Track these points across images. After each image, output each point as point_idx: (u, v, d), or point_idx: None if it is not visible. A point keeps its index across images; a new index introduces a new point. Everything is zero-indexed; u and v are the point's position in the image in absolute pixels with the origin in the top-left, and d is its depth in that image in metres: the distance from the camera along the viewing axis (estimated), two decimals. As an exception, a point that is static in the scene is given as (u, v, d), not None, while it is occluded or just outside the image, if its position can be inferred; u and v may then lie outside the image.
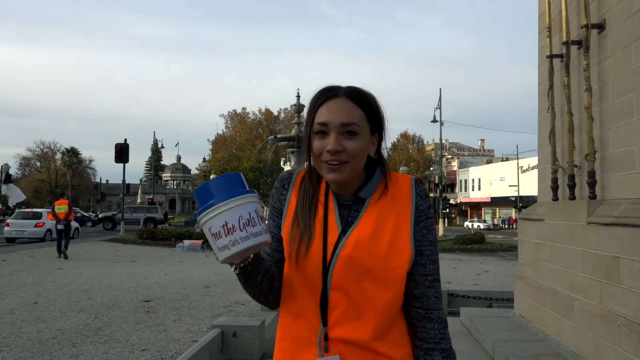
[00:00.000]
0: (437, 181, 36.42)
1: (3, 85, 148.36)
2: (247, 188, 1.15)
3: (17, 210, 25.28)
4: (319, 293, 1.24)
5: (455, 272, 12.76)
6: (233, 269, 1.20)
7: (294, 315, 1.28)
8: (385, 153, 1.36)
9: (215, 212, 1.09)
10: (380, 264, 1.21)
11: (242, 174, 1.19)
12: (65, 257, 14.72)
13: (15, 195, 43.58)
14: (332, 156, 1.20)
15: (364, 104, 1.25)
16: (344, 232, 1.25)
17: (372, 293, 1.22)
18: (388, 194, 1.29)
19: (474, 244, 21.04)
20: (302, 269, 1.25)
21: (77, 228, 25.89)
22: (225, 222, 1.08)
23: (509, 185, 56.53)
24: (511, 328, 4.47)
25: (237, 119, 57.09)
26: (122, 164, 27.17)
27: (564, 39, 4.14)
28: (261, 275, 1.23)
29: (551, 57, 4.40)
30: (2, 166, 41.32)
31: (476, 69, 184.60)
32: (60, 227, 15.22)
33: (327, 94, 1.24)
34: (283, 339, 1.30)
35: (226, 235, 1.08)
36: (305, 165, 1.34)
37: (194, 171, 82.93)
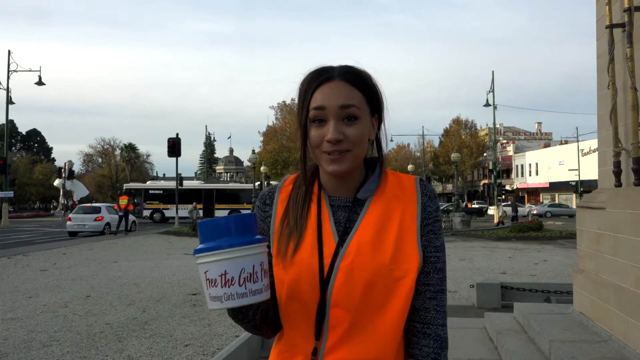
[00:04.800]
0: (491, 167, 35.20)
1: (69, 85, 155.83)
2: (258, 233, 1.02)
3: (78, 205, 26.44)
4: (314, 313, 1.08)
5: (511, 262, 12.23)
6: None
7: (290, 343, 1.14)
8: (384, 140, 1.20)
9: (215, 257, 0.97)
10: (385, 274, 1.08)
11: (257, 216, 1.06)
12: (127, 232, 23.13)
13: (79, 190, 45.77)
14: (333, 146, 1.08)
15: (360, 84, 1.13)
16: (342, 239, 1.11)
17: (378, 308, 1.08)
18: (390, 193, 1.15)
19: (531, 231, 20.20)
20: (295, 285, 1.10)
21: (134, 221, 26.81)
22: (225, 271, 0.96)
23: (569, 170, 53.98)
24: (570, 327, 4.11)
25: (287, 110, 57.29)
26: (176, 158, 27.88)
27: (626, 6, 3.70)
28: (253, 310, 1.08)
29: (611, 27, 3.96)
30: (66, 163, 43.40)
31: (532, 48, 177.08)
32: (121, 214, 23.82)
33: (319, 77, 1.12)
34: None
35: (222, 287, 0.96)
36: (298, 168, 1.19)
37: (246, 163, 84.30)
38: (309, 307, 1.09)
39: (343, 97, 1.09)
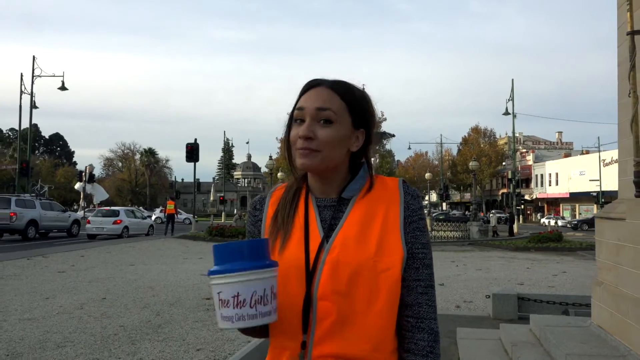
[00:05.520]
0: (510, 176, 34.81)
1: (91, 91, 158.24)
2: (270, 258, 1.09)
3: (97, 209, 26.83)
4: (301, 307, 1.13)
5: (529, 273, 12.04)
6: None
7: (280, 338, 1.19)
8: (372, 153, 1.27)
9: (229, 280, 1.03)
10: (370, 266, 1.12)
11: (268, 241, 1.11)
12: (171, 234, 25.27)
13: (99, 194, 46.42)
14: (303, 142, 1.15)
15: (345, 94, 1.19)
16: (327, 236, 1.16)
17: (364, 300, 1.12)
18: (374, 193, 1.21)
19: (550, 242, 19.87)
20: (283, 280, 1.14)
21: (151, 225, 27.07)
22: (238, 293, 1.02)
23: (590, 180, 53.15)
24: (587, 340, 4.00)
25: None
26: (194, 163, 28.12)
27: (648, 13, 3.63)
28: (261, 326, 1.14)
29: (632, 33, 3.88)
30: (86, 167, 44.09)
31: (553, 57, 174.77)
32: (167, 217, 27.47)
33: (309, 84, 1.21)
34: None
35: (234, 307, 1.03)
36: (291, 179, 1.28)
37: (264, 169, 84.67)
38: (296, 302, 1.13)
39: (321, 100, 1.16)
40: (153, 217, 38.66)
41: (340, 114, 1.16)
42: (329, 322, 1.11)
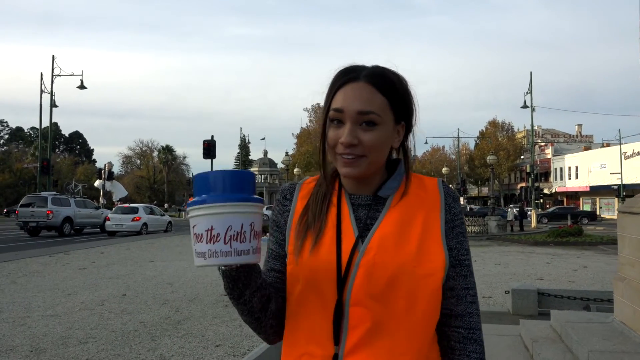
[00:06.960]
0: (528, 170, 34.36)
1: (110, 89, 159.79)
2: (255, 194, 0.99)
3: (116, 206, 27.17)
4: (332, 312, 1.04)
5: (549, 268, 11.89)
6: (217, 268, 1.01)
7: (306, 345, 1.08)
8: (412, 147, 1.16)
9: (203, 212, 0.94)
10: (409, 271, 1.03)
11: (255, 175, 1.00)
12: None
13: (118, 191, 47.09)
14: (346, 149, 1.06)
15: (387, 88, 1.07)
16: (362, 236, 1.07)
17: (401, 307, 1.03)
18: (413, 193, 1.12)
19: (570, 236, 19.59)
20: (311, 282, 1.06)
21: (170, 222, 27.36)
22: (212, 226, 0.93)
23: (611, 173, 52.24)
24: (610, 336, 3.94)
25: (321, 112, 57.45)
26: (211, 160, 28.32)
27: (672, 3, 3.54)
28: (251, 290, 1.03)
29: (655, 24, 3.80)
30: (105, 164, 44.71)
31: (575, 49, 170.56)
32: None
33: (346, 76, 1.08)
34: None
35: (207, 242, 0.93)
36: (320, 171, 1.16)
37: (280, 165, 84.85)
38: (326, 306, 1.04)
39: (363, 101, 1.05)
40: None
41: (383, 114, 1.06)
42: (362, 331, 1.02)
